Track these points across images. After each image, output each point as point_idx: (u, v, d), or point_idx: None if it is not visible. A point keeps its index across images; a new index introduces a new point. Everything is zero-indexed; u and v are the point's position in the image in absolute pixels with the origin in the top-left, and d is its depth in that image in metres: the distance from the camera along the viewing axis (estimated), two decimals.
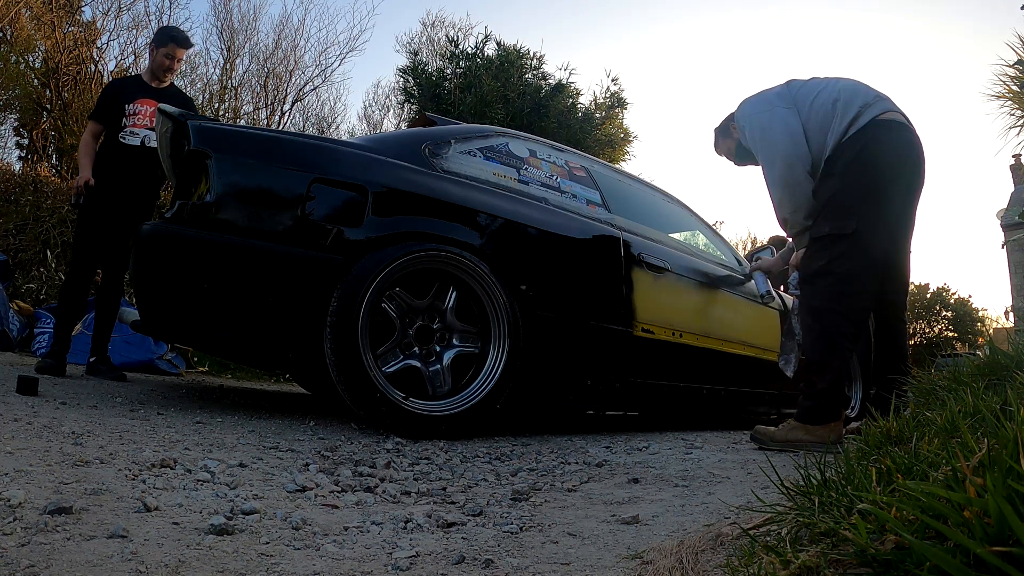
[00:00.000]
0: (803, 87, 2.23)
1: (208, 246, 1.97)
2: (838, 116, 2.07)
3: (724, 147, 2.61)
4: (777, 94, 2.25)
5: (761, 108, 2.24)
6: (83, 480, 1.16)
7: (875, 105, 2.07)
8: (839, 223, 1.99)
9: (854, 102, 2.07)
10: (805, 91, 2.20)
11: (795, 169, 2.10)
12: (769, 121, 2.18)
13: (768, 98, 2.25)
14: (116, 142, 3.12)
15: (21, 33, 7.94)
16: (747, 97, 2.36)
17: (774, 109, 2.19)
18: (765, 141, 2.19)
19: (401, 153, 2.36)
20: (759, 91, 2.35)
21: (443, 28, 11.59)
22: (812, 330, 2.03)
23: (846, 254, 1.97)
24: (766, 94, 2.29)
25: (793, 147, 2.11)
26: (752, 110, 2.28)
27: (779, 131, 2.14)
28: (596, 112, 9.47)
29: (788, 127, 2.13)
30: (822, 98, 2.13)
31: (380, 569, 0.91)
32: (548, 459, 1.90)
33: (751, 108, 2.30)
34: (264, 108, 10.09)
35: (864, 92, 2.12)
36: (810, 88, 2.20)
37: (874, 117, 2.04)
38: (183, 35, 3.30)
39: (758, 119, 2.23)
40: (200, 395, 2.80)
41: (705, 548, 0.92)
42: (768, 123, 2.18)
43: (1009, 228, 13.69)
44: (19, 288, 4.85)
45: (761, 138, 2.21)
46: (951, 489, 0.59)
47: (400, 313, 2.18)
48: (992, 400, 1.14)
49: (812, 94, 2.17)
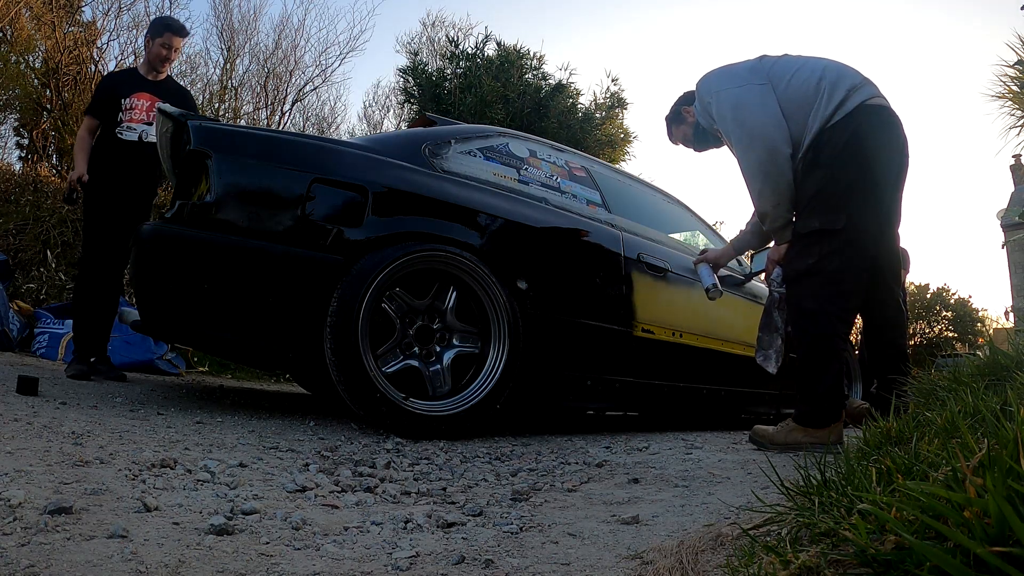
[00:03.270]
0: (777, 63, 1.98)
1: (208, 246, 1.97)
2: (823, 97, 1.86)
3: (679, 135, 2.37)
4: (750, 68, 1.99)
5: (731, 83, 1.97)
6: (83, 480, 1.16)
7: (863, 88, 1.88)
8: (828, 218, 1.83)
9: (841, 84, 1.88)
10: (781, 67, 1.96)
11: (777, 156, 1.87)
12: (742, 98, 1.91)
13: (738, 72, 1.99)
14: (113, 138, 3.06)
15: (21, 33, 7.94)
16: (709, 71, 2.08)
17: (748, 85, 1.93)
18: (738, 122, 1.92)
19: (401, 153, 2.36)
20: (725, 65, 2.06)
21: (443, 28, 11.58)
22: (806, 333, 1.90)
23: (837, 251, 1.83)
24: (735, 68, 2.02)
25: (773, 130, 1.87)
26: (720, 85, 2.00)
27: (756, 111, 1.89)
28: (596, 112, 9.46)
29: (766, 106, 1.88)
30: (802, 75, 1.91)
31: (380, 569, 0.91)
32: (548, 459, 1.90)
33: (718, 83, 2.01)
34: (264, 108, 10.09)
35: (851, 74, 1.92)
36: (786, 64, 1.96)
37: (863, 101, 1.86)
38: (179, 24, 3.22)
39: (728, 96, 1.95)
40: (200, 395, 2.80)
41: (705, 548, 0.92)
42: (741, 101, 1.91)
43: (1009, 228, 13.68)
44: (19, 288, 4.85)
45: (733, 118, 1.93)
46: (951, 489, 0.59)
47: (400, 313, 2.18)
48: (992, 400, 1.13)
49: (790, 71, 1.93)
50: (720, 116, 1.98)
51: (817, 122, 1.86)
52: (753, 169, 1.93)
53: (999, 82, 3.73)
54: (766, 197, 1.94)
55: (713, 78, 2.05)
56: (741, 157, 1.96)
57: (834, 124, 1.85)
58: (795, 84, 1.91)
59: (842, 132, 1.84)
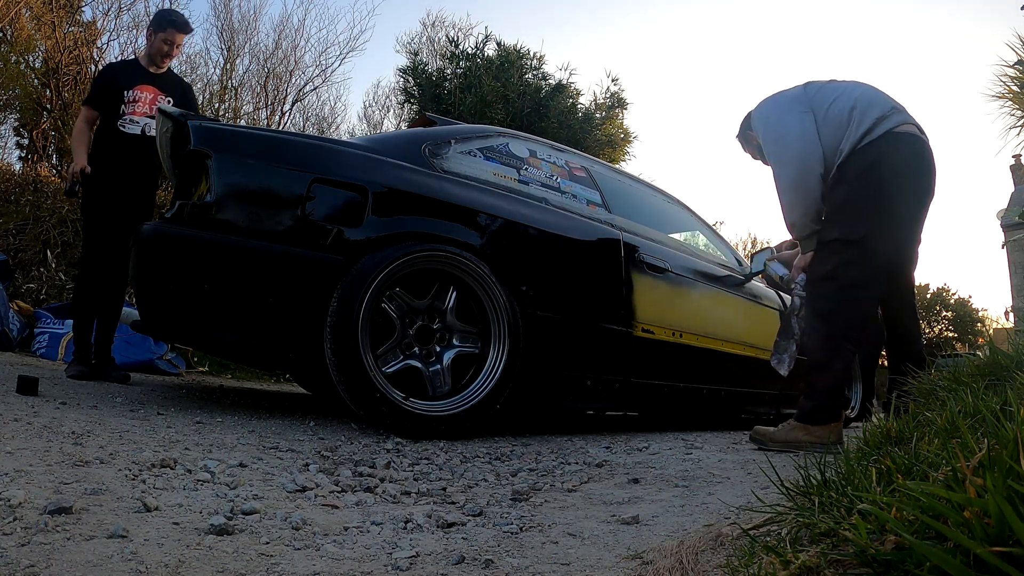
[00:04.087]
0: (820, 90, 2.23)
1: (208, 246, 1.97)
2: (854, 123, 2.08)
3: (749, 152, 2.62)
4: (794, 97, 2.25)
5: (777, 111, 2.25)
6: (83, 480, 1.16)
7: (891, 116, 2.09)
8: (848, 228, 2.00)
9: (871, 112, 2.09)
10: (822, 95, 2.20)
11: (808, 173, 2.11)
12: (785, 124, 2.19)
13: (784, 100, 2.26)
14: (115, 131, 2.99)
15: (21, 33, 7.94)
16: (765, 98, 2.37)
17: (790, 112, 2.19)
18: (779, 143, 2.20)
19: (401, 153, 2.36)
20: (777, 92, 2.36)
21: (443, 28, 11.58)
22: (817, 331, 2.04)
23: (854, 260, 1.99)
24: (783, 96, 2.30)
25: (807, 151, 2.11)
26: (768, 112, 2.29)
27: (794, 134, 2.15)
28: (596, 112, 9.47)
29: (804, 131, 2.13)
30: (839, 104, 2.14)
31: (380, 569, 0.91)
32: (548, 459, 1.90)
33: (767, 110, 2.31)
34: (264, 108, 10.09)
35: (882, 102, 2.13)
36: (828, 92, 2.21)
37: (890, 128, 2.06)
38: (182, 19, 3.14)
39: (774, 122, 2.24)
40: (200, 395, 2.80)
41: (705, 548, 0.92)
42: (784, 126, 2.19)
43: (1009, 228, 13.67)
44: (19, 288, 4.85)
45: (775, 139, 2.22)
46: (951, 489, 0.59)
47: (400, 313, 2.18)
48: (992, 400, 1.13)
49: (829, 99, 2.17)
50: (765, 140, 2.27)
51: (848, 144, 2.07)
52: (785, 184, 2.16)
53: (999, 82, 3.73)
54: (794, 209, 2.16)
55: (764, 106, 2.33)
56: (776, 173, 2.20)
57: (862, 147, 2.05)
58: (832, 111, 2.13)
59: (867, 154, 2.04)
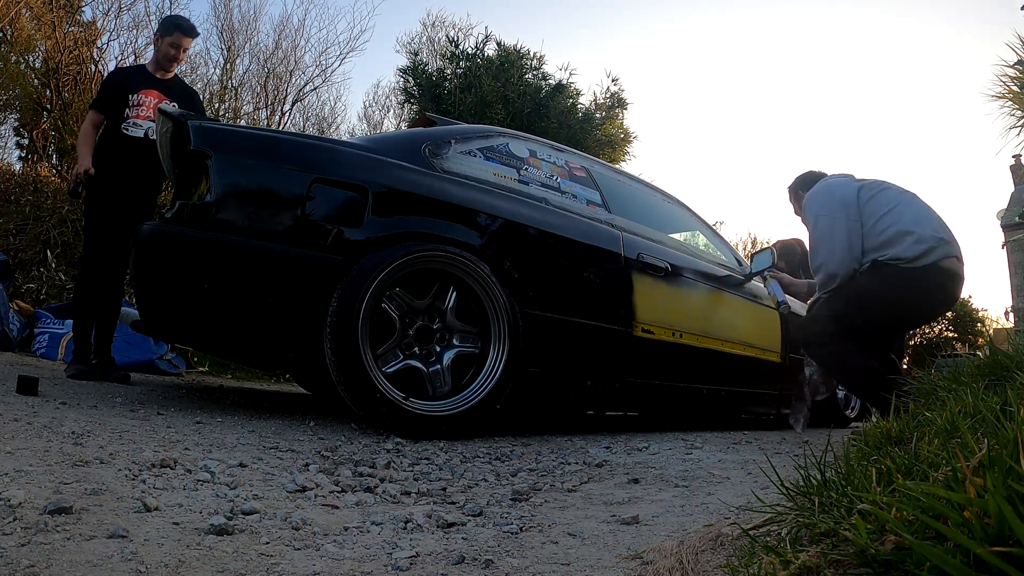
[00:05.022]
0: (873, 199, 2.43)
1: (208, 246, 1.97)
2: (902, 246, 2.31)
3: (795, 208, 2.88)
4: (844, 202, 2.43)
5: (827, 211, 2.44)
6: (83, 480, 1.16)
7: (938, 248, 2.31)
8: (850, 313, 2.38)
9: (919, 242, 2.31)
10: (874, 207, 2.41)
11: (835, 279, 2.42)
12: (832, 231, 2.41)
13: (835, 202, 2.44)
14: (119, 133, 3.02)
15: (21, 33, 7.94)
16: (817, 187, 2.56)
17: (838, 220, 2.40)
18: (823, 243, 2.45)
19: (401, 153, 2.36)
20: (829, 181, 2.55)
21: (443, 28, 11.57)
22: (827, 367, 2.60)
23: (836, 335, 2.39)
24: (834, 195, 2.48)
25: (849, 260, 2.38)
26: (818, 209, 2.48)
27: (839, 246, 2.38)
28: (596, 112, 9.46)
29: (850, 245, 2.38)
30: (888, 221, 2.36)
31: (380, 569, 0.91)
32: (548, 459, 1.90)
33: (818, 206, 2.49)
34: (264, 108, 10.08)
35: (930, 232, 2.34)
36: (879, 204, 2.41)
37: (935, 261, 2.29)
38: (188, 23, 3.17)
39: (822, 223, 2.45)
40: (200, 395, 2.80)
41: (705, 548, 0.92)
42: (831, 232, 2.41)
43: (1009, 228, 13.67)
44: (19, 288, 4.85)
45: (819, 239, 2.46)
46: (951, 489, 0.59)
47: (400, 313, 2.18)
48: (992, 400, 1.13)
49: (879, 211, 2.39)
50: (812, 234, 2.53)
51: (890, 255, 2.33)
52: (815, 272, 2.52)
53: (999, 82, 3.73)
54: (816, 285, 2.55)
55: (815, 199, 2.53)
56: (812, 263, 2.53)
57: (904, 268, 2.31)
58: (881, 226, 2.37)
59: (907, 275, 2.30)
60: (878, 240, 2.36)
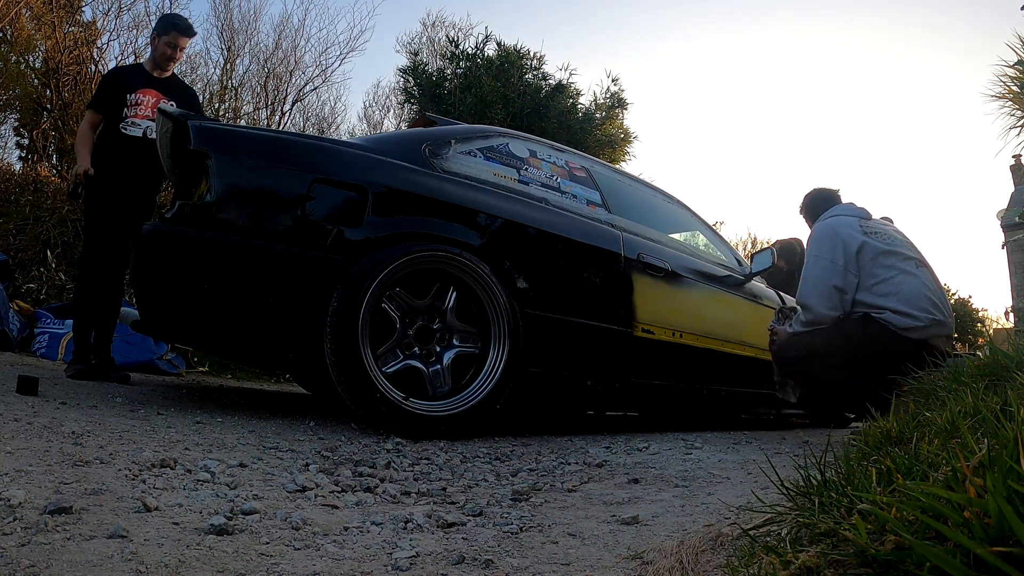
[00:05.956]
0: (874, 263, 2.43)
1: (208, 246, 1.97)
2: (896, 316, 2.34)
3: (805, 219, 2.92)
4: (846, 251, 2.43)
5: (828, 255, 2.46)
6: (83, 480, 1.16)
7: (929, 328, 2.35)
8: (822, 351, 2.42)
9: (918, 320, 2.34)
10: (874, 269, 2.42)
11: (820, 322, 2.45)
12: (825, 279, 2.43)
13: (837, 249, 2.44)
14: (117, 133, 3.01)
15: (21, 33, 7.93)
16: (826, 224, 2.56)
17: (836, 269, 2.42)
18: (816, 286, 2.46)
19: (401, 153, 2.36)
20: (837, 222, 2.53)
21: (443, 28, 11.56)
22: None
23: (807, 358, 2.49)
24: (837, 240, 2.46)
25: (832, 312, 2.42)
26: (819, 250, 2.49)
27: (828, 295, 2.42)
28: (596, 112, 9.45)
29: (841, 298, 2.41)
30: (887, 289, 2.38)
31: (380, 569, 0.91)
32: (548, 459, 1.90)
33: (818, 247, 2.50)
34: (264, 108, 10.07)
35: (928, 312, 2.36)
36: (881, 268, 2.42)
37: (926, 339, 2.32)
38: (186, 23, 3.16)
39: (820, 265, 2.46)
40: (200, 395, 2.80)
41: (705, 548, 0.92)
42: (824, 280, 2.43)
43: (1009, 228, 13.65)
44: (19, 288, 4.85)
45: (813, 279, 2.48)
46: (951, 489, 0.59)
47: (400, 313, 2.18)
48: (992, 400, 1.13)
49: (879, 275, 2.40)
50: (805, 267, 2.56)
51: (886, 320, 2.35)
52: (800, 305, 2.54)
53: (999, 82, 3.72)
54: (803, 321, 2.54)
55: (822, 237, 2.53)
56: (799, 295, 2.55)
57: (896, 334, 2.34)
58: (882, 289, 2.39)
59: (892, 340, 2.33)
60: (874, 299, 2.39)
